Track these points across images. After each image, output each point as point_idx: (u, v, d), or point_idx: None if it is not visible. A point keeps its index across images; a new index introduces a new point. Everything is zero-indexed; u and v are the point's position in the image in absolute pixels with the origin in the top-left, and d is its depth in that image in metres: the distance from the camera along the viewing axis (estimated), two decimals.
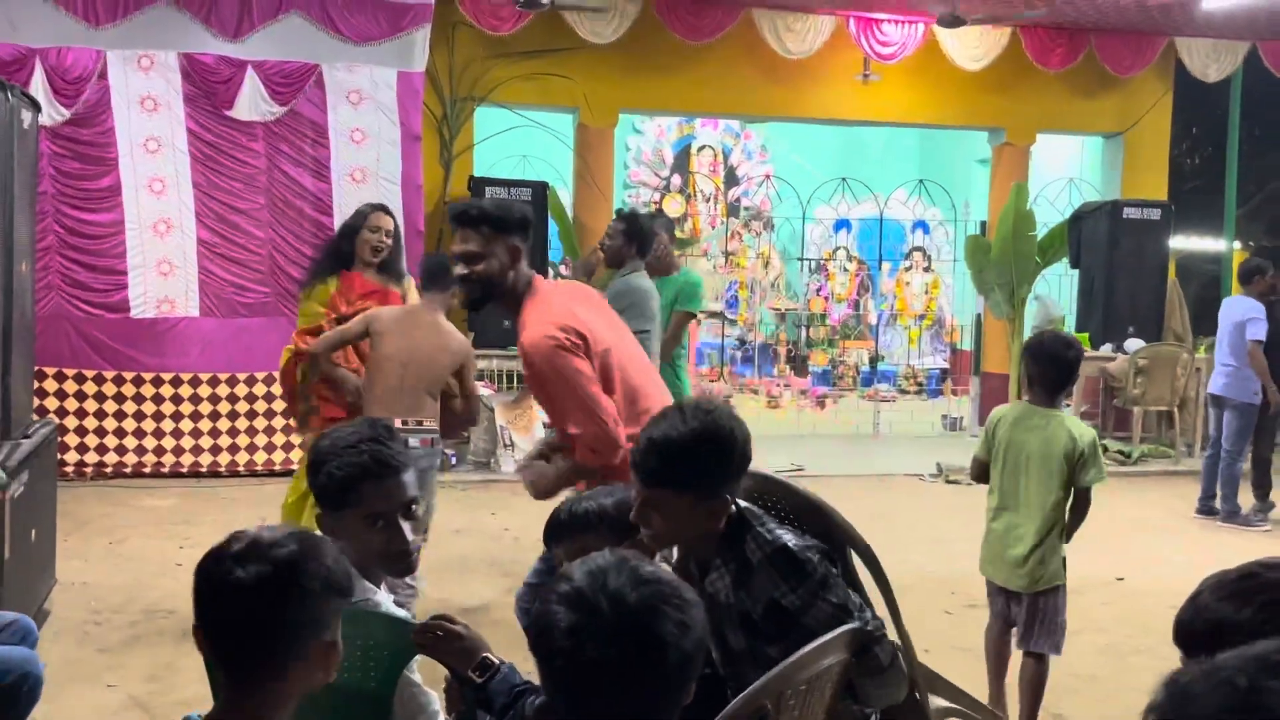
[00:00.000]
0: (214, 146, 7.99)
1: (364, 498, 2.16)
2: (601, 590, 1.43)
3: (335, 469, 2.17)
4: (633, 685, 1.42)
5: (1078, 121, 10.53)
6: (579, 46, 8.86)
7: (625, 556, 1.51)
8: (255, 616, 1.57)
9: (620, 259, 5.29)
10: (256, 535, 1.63)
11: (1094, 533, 7.22)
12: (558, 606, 1.44)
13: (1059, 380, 3.89)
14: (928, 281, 13.96)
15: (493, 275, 3.06)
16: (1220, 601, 1.40)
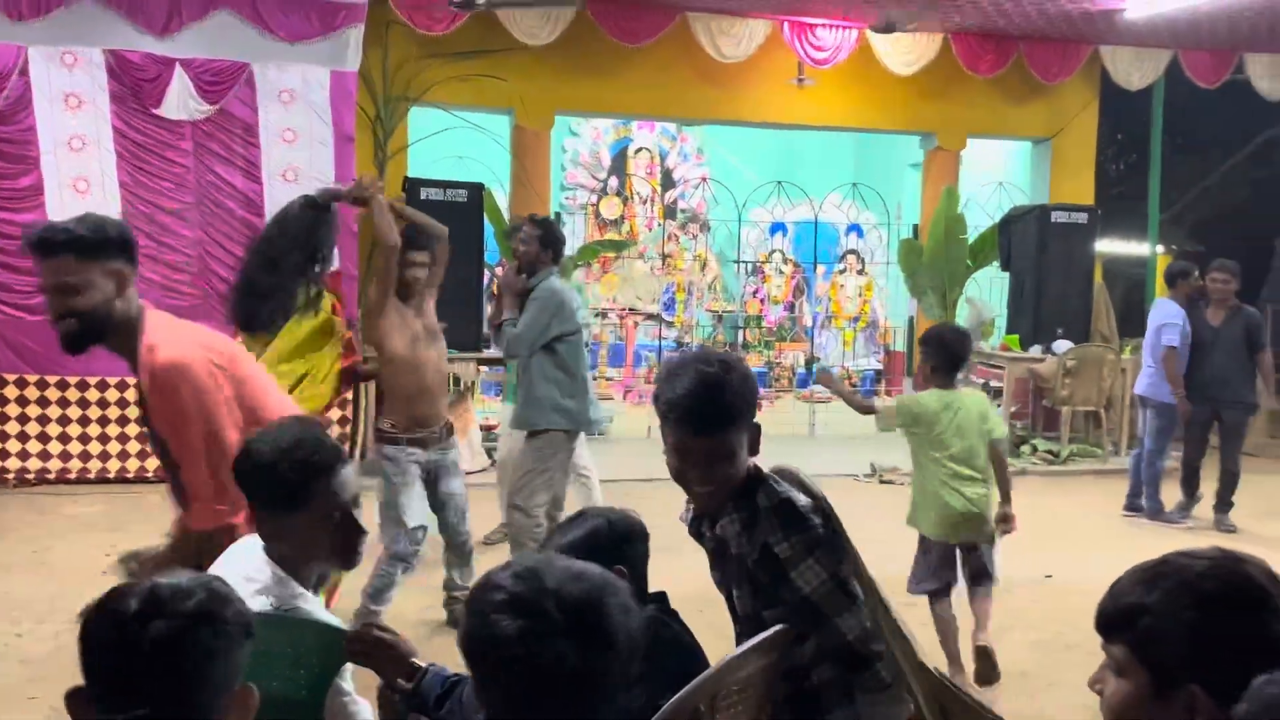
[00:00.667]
0: (141, 145, 7.83)
1: (318, 495, 2.13)
2: (541, 591, 1.41)
3: (288, 471, 2.12)
4: (589, 682, 1.41)
5: (1007, 127, 10.72)
6: (514, 48, 8.83)
7: (547, 556, 1.51)
8: (170, 679, 1.43)
9: (536, 264, 5.25)
10: (153, 588, 1.47)
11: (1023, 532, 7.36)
12: (498, 616, 1.41)
13: (955, 364, 4.56)
14: (862, 284, 14.12)
15: (97, 308, 2.61)
16: (1133, 587, 1.47)
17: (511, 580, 1.45)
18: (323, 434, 2.22)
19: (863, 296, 14.11)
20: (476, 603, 1.45)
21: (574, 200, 13.86)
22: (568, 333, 5.23)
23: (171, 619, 1.44)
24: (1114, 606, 1.48)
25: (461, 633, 1.46)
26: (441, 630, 4.98)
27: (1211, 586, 1.42)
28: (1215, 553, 1.47)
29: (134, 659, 1.43)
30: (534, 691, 1.40)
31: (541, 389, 5.17)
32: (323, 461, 2.15)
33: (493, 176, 9.95)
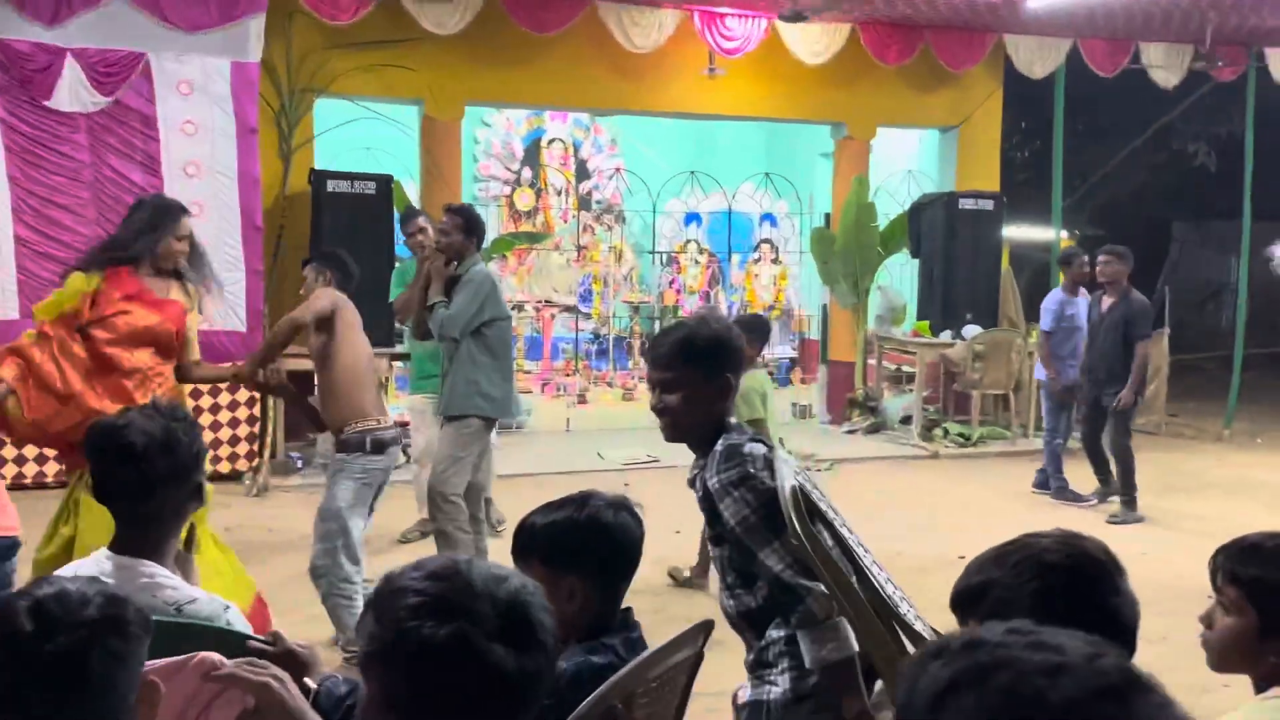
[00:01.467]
0: (31, 139, 7.53)
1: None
2: (469, 593, 1.32)
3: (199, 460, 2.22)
4: (521, 686, 1.32)
5: (915, 116, 10.86)
6: (422, 37, 8.68)
7: (455, 556, 1.44)
8: (83, 690, 1.36)
9: (461, 253, 5.24)
10: (39, 598, 1.39)
11: (937, 514, 7.50)
12: (419, 621, 1.30)
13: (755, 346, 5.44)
14: (776, 273, 14.21)
15: None
16: (985, 564, 1.61)
17: (429, 582, 1.34)
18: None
19: (777, 285, 14.21)
20: (387, 609, 1.34)
21: (487, 192, 13.71)
22: (499, 318, 5.26)
23: (72, 631, 1.36)
24: (967, 584, 1.60)
25: (372, 642, 1.34)
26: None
27: (1054, 559, 1.57)
28: (1059, 533, 1.64)
29: (35, 679, 1.35)
30: (465, 700, 1.31)
31: (469, 373, 5.17)
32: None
33: (402, 168, 9.78)
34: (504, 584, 1.36)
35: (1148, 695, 0.89)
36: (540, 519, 2.14)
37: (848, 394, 10.62)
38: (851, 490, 8.08)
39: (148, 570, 2.12)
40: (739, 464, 2.42)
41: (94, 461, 2.21)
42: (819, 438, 10.01)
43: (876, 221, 10.48)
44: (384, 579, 1.41)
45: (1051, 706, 0.86)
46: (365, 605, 1.39)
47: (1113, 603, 1.55)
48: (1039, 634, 0.93)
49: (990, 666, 0.89)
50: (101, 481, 2.21)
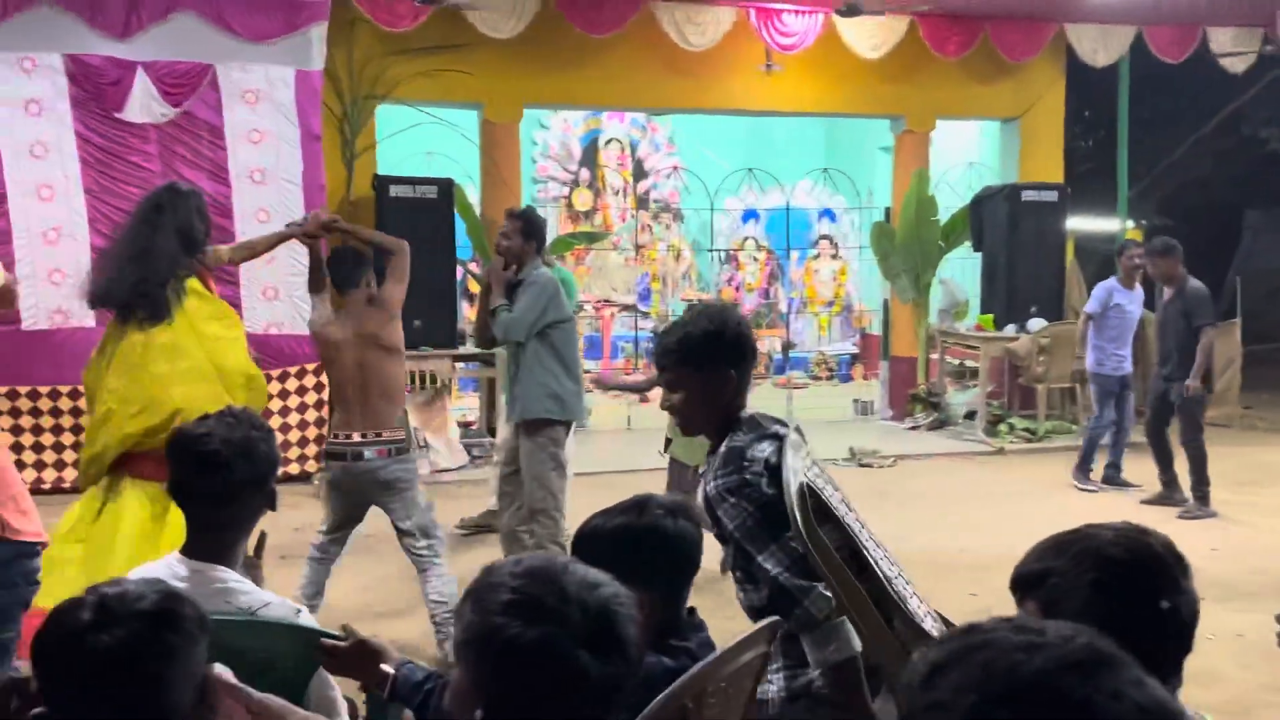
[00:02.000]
0: (105, 150, 7.74)
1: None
2: (562, 597, 1.35)
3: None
4: (602, 692, 1.36)
5: (975, 107, 10.74)
6: (479, 42, 8.77)
7: (557, 558, 1.45)
8: (137, 683, 1.40)
9: (521, 257, 5.21)
10: (101, 595, 1.46)
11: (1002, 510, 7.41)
12: (507, 618, 1.34)
13: None
14: (836, 269, 14.14)
15: None
16: (1045, 551, 1.61)
17: (525, 580, 1.38)
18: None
19: (837, 281, 14.13)
20: (482, 601, 1.38)
21: (546, 193, 13.80)
22: (562, 320, 5.24)
23: (126, 623, 1.42)
24: (1026, 569, 1.61)
25: (467, 630, 1.39)
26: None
27: (1114, 553, 1.55)
28: (1124, 525, 1.61)
29: (93, 670, 1.40)
30: (547, 700, 1.35)
31: (537, 376, 5.16)
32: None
33: (463, 172, 9.89)
34: (596, 591, 1.38)
35: (1117, 670, 0.94)
36: (598, 526, 2.11)
37: (910, 390, 10.54)
38: (914, 487, 8.02)
39: (220, 575, 2.16)
40: (735, 470, 2.39)
41: (175, 466, 2.26)
42: (881, 434, 9.95)
43: (937, 215, 10.39)
44: (484, 570, 1.45)
45: (1023, 678, 0.93)
46: (465, 593, 1.42)
47: (1172, 601, 1.52)
48: (1028, 623, 1.01)
49: (976, 646, 0.98)
50: (180, 486, 2.26)
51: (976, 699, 0.93)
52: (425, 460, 8.34)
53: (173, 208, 4.23)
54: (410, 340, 8.23)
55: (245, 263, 5.36)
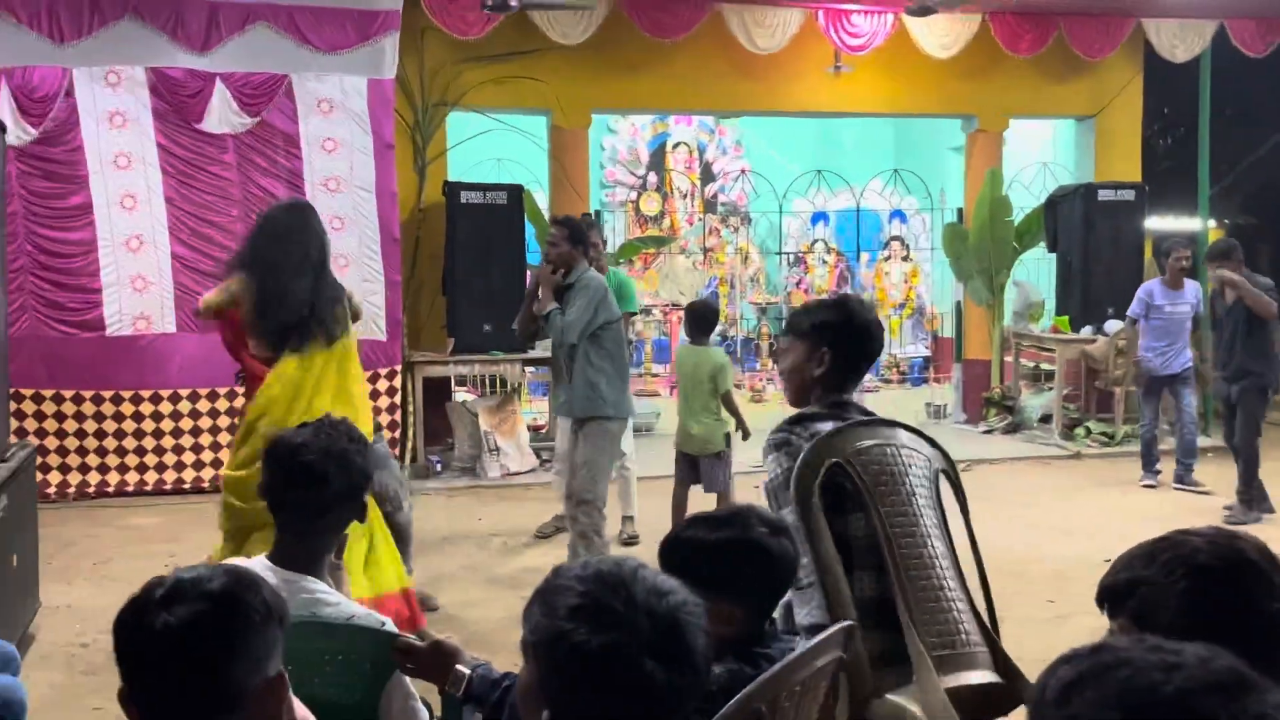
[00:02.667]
0: (185, 160, 7.93)
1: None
2: (630, 603, 1.34)
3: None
4: (668, 701, 1.34)
5: (1049, 106, 10.56)
6: (549, 48, 8.83)
7: (626, 562, 1.42)
8: (194, 663, 1.42)
9: (570, 262, 5.40)
10: (178, 576, 1.50)
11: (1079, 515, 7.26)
12: (575, 623, 1.33)
13: (699, 327, 6.36)
14: (907, 270, 13.98)
15: None
16: (1133, 562, 1.57)
17: (593, 585, 1.37)
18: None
19: (908, 283, 13.98)
20: (551, 603, 1.38)
21: (613, 197, 13.84)
22: (611, 320, 5.43)
23: (191, 603, 1.44)
24: (1114, 580, 1.57)
25: (534, 632, 1.39)
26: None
27: (1205, 560, 1.50)
28: (1213, 531, 1.57)
29: (151, 646, 1.43)
30: (611, 705, 1.35)
31: (589, 376, 5.37)
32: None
33: (532, 177, 9.97)
34: (665, 599, 1.37)
35: (1261, 693, 0.93)
36: (699, 537, 2.07)
37: (984, 393, 10.39)
38: (990, 492, 7.90)
39: (309, 586, 2.19)
40: (786, 430, 2.59)
41: (270, 473, 2.29)
42: (955, 438, 9.81)
43: (1011, 215, 10.23)
44: (554, 571, 1.44)
45: (1165, 698, 0.93)
46: (535, 593, 1.42)
47: (1270, 608, 1.47)
48: (1161, 643, 1.01)
49: (1112, 665, 0.98)
50: (274, 493, 2.28)
51: (1119, 716, 0.94)
52: (496, 463, 8.41)
53: (316, 225, 4.24)
54: (480, 344, 8.39)
55: None
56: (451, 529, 7.00)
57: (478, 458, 8.47)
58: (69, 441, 7.69)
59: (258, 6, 7.95)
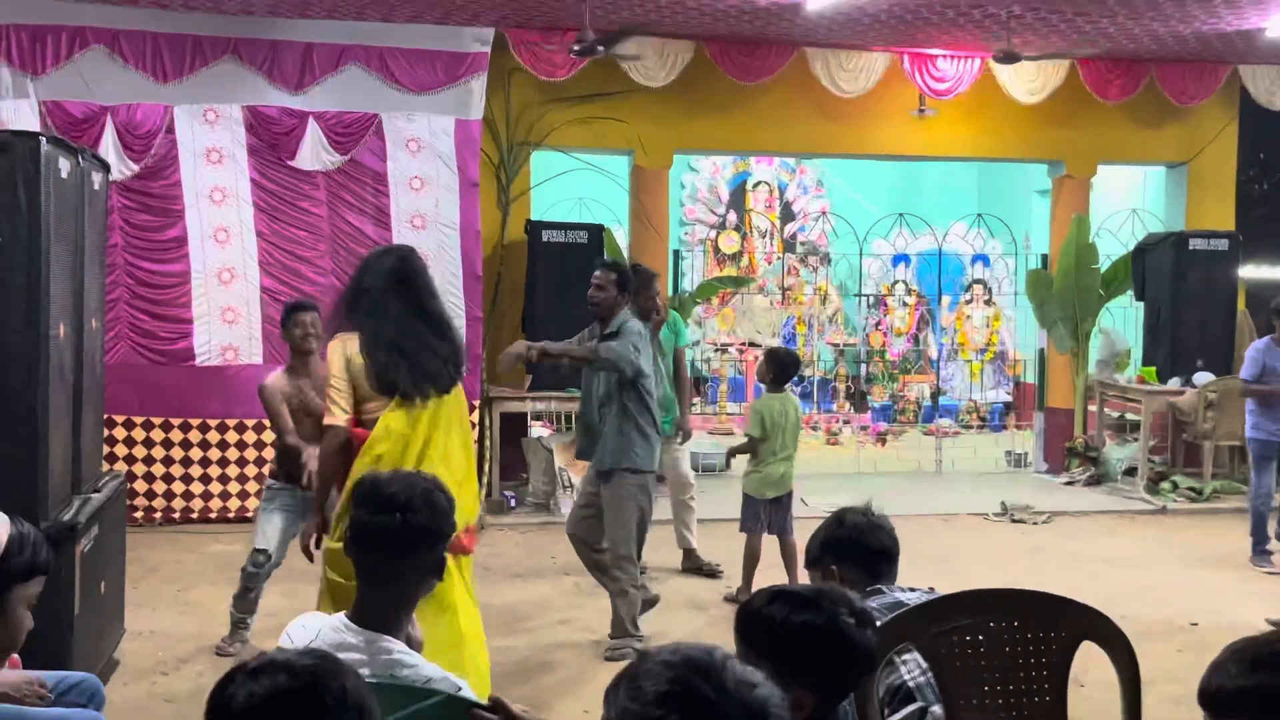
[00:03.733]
0: (277, 196, 8.16)
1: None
2: (719, 691, 1.33)
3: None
4: None
5: (1139, 152, 10.37)
6: (633, 89, 8.92)
7: (714, 651, 1.40)
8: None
9: (614, 308, 5.28)
10: (271, 656, 1.59)
11: (1165, 574, 7.05)
12: (664, 710, 1.31)
13: (786, 376, 6.44)
14: (989, 315, 13.80)
15: None
16: (1240, 664, 1.49)
17: (685, 672, 1.35)
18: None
19: (990, 327, 13.79)
20: (639, 688, 1.36)
21: (692, 236, 13.90)
22: (645, 374, 5.34)
23: (273, 677, 1.51)
24: (1222, 686, 1.49)
25: (621, 715, 1.37)
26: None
27: None
28: None
29: (230, 714, 1.51)
30: None
31: (623, 425, 5.27)
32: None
33: (612, 216, 10.05)
34: (755, 691, 1.36)
35: None
36: (781, 616, 1.98)
37: (1066, 442, 10.17)
38: (1070, 546, 7.73)
39: (388, 645, 2.20)
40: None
41: (357, 509, 2.31)
42: (1035, 488, 9.62)
43: (1097, 263, 10.05)
44: (640, 655, 1.43)
45: None
46: (619, 676, 1.41)
47: None
48: None
49: None
50: (360, 530, 2.29)
51: None
52: (569, 500, 8.43)
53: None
54: (557, 381, 8.45)
55: None
56: (525, 565, 7.03)
57: (552, 494, 8.51)
58: (156, 468, 7.90)
59: (351, 48, 8.18)
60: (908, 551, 2.77)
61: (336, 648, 2.17)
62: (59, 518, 4.24)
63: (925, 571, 6.99)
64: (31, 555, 2.12)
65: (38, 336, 4.14)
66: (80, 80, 7.77)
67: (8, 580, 2.07)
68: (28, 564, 2.12)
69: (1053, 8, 7.93)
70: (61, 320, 4.36)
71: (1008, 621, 2.52)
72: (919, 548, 7.64)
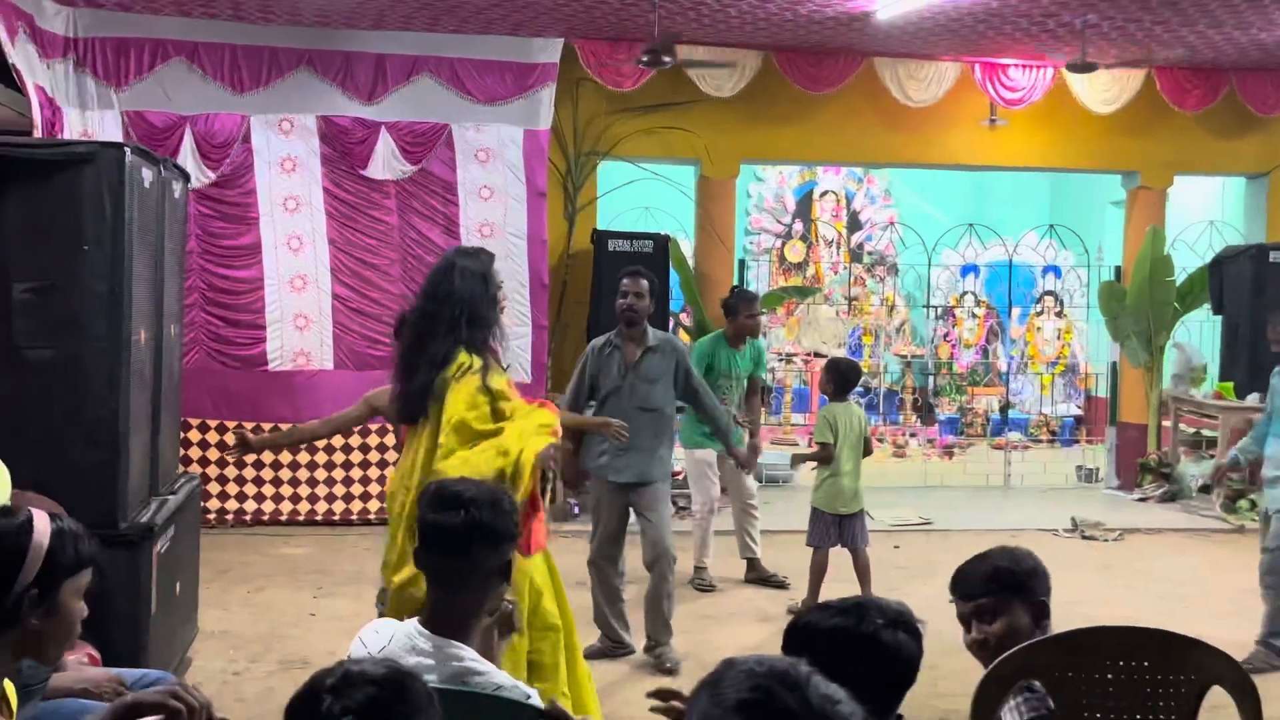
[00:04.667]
0: (349, 204, 8.29)
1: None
2: (802, 705, 1.32)
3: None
4: None
5: (1218, 163, 10.15)
6: (700, 100, 8.93)
7: (799, 663, 1.41)
8: None
9: (646, 316, 5.39)
10: (346, 667, 1.63)
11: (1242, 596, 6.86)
12: (741, 717, 1.31)
13: (847, 387, 6.27)
14: (1060, 327, 13.57)
15: None
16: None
17: (770, 683, 1.35)
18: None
19: (1061, 340, 13.56)
20: (722, 695, 1.36)
21: (758, 245, 13.86)
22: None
23: (362, 688, 1.56)
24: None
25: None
26: None
27: None
28: None
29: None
30: None
31: (664, 440, 5.46)
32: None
33: (678, 225, 10.06)
34: (837, 707, 1.35)
35: None
36: (815, 623, 2.02)
37: (1139, 458, 9.97)
38: (1143, 565, 7.57)
39: (459, 653, 2.23)
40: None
41: (424, 510, 2.35)
42: (1107, 505, 9.44)
43: (1173, 275, 9.84)
44: (724, 663, 1.42)
45: None
46: (702, 683, 1.41)
47: None
48: None
49: None
50: (426, 530, 2.33)
51: None
52: None
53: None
54: None
55: None
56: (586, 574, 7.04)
57: None
58: (229, 470, 8.06)
59: (422, 59, 8.30)
60: None
61: (408, 652, 2.21)
62: (137, 519, 4.35)
63: None
64: (75, 549, 2.20)
65: (119, 342, 4.25)
66: (161, 91, 7.98)
67: (57, 576, 2.15)
68: (73, 558, 2.19)
69: (1129, 16, 7.80)
70: (142, 326, 4.48)
71: (1138, 661, 2.45)
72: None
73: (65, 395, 4.17)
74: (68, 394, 4.18)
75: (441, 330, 3.71)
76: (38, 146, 4.69)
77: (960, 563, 2.72)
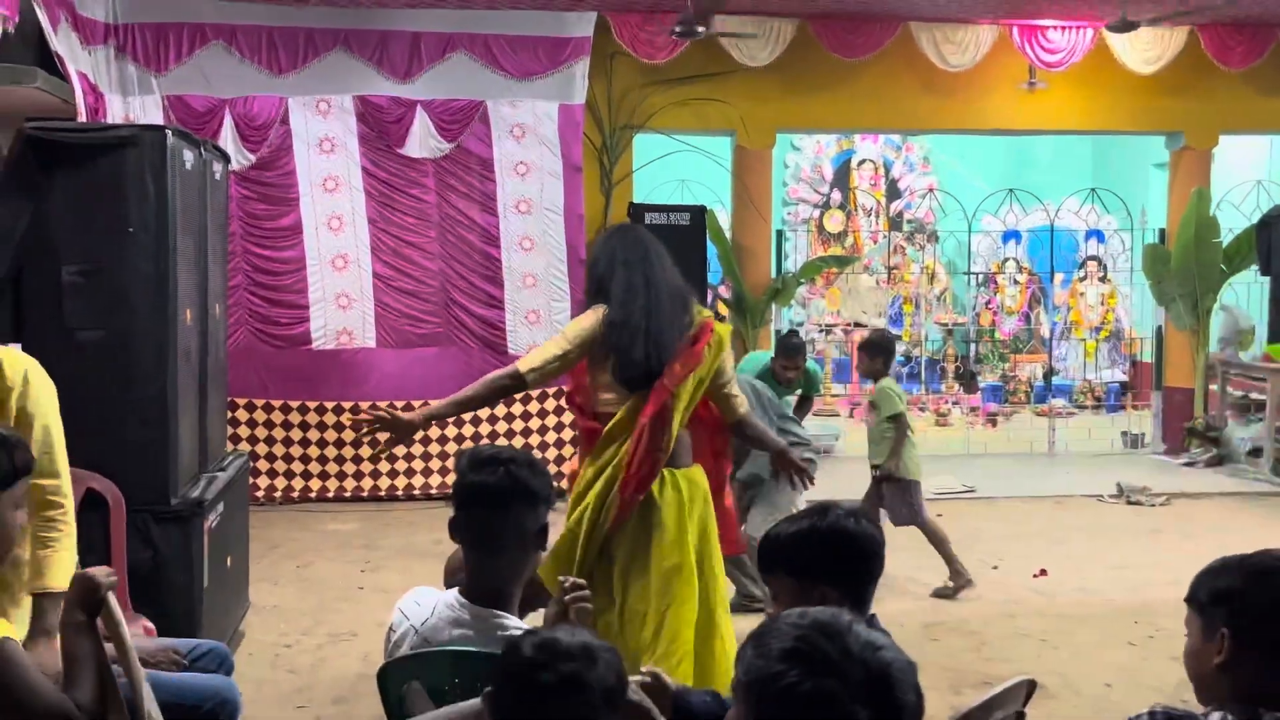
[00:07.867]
0: (387, 184, 8.35)
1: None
2: (843, 652, 1.36)
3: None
4: None
5: (1265, 121, 9.95)
6: (735, 70, 8.89)
7: (842, 613, 1.46)
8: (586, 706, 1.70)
9: None
10: (542, 638, 1.76)
11: None
12: (788, 665, 1.36)
13: (891, 359, 6.21)
14: (1104, 292, 13.41)
15: None
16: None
17: (811, 632, 1.40)
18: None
19: (1105, 305, 13.41)
20: (766, 645, 1.41)
21: (796, 215, 13.79)
22: None
23: (566, 663, 1.70)
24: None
25: (747, 672, 1.42)
26: None
27: None
28: None
29: (540, 701, 1.69)
30: None
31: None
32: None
33: (714, 197, 10.03)
34: (879, 653, 1.38)
35: None
36: (784, 530, 2.20)
37: (1185, 422, 9.85)
38: (1190, 529, 7.50)
39: (503, 621, 2.24)
40: None
41: (462, 472, 2.37)
42: (1153, 470, 9.35)
43: (1219, 237, 9.69)
44: (769, 616, 1.51)
45: None
46: (750, 635, 1.45)
47: None
48: None
49: None
50: (462, 490, 2.35)
51: None
52: None
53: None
54: None
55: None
56: None
57: None
58: (277, 448, 8.18)
59: (456, 36, 8.32)
60: (1020, 532, 2.71)
61: (451, 624, 2.24)
62: (188, 495, 4.44)
63: (1039, 553, 6.90)
64: (10, 459, 2.21)
65: (166, 322, 4.33)
66: (200, 75, 8.06)
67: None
68: (9, 469, 2.21)
69: None
70: (188, 306, 4.56)
71: None
72: (1032, 530, 7.52)
73: (116, 375, 4.26)
74: (119, 374, 4.26)
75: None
76: (81, 131, 4.75)
77: (1004, 530, 2.70)
